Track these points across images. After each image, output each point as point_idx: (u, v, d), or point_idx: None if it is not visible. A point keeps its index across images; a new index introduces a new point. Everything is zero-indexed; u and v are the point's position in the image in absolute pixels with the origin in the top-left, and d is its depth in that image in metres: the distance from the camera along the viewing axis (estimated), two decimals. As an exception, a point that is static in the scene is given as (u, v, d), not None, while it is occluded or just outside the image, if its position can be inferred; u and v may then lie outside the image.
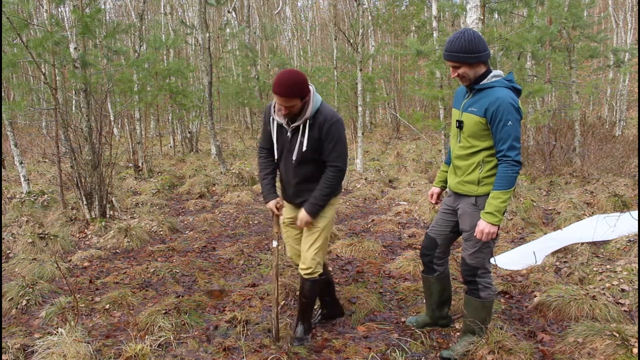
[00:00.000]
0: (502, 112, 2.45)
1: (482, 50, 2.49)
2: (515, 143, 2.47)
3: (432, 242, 2.97)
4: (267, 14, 27.28)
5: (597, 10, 24.69)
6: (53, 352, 2.79)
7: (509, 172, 2.48)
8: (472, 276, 2.75)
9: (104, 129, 6.40)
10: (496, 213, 2.50)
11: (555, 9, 7.08)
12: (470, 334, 2.84)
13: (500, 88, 2.52)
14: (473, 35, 2.48)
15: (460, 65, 2.53)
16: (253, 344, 3.03)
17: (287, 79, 2.56)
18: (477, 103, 2.56)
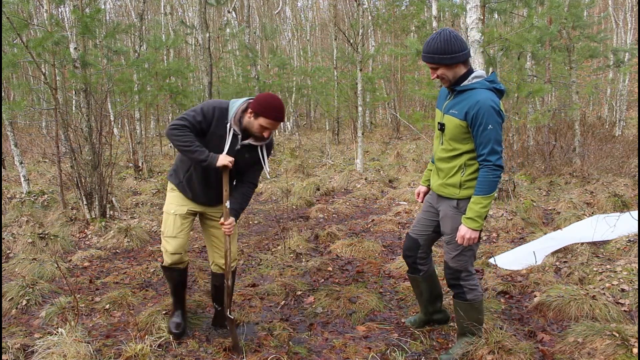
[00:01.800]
0: (482, 116, 2.41)
1: (459, 51, 2.43)
2: (496, 147, 2.44)
3: (414, 243, 2.96)
4: (267, 14, 27.28)
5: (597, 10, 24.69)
6: (53, 352, 2.79)
7: (489, 177, 2.45)
8: (456, 279, 2.74)
9: (104, 129, 6.40)
10: (477, 218, 2.48)
11: (555, 9, 7.08)
12: (465, 336, 2.84)
13: (482, 90, 2.48)
14: (449, 35, 2.42)
15: (438, 67, 2.48)
16: (253, 344, 3.03)
17: (281, 105, 2.69)
18: (458, 105, 2.52)
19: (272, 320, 3.41)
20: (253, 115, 2.70)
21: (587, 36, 11.15)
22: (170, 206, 2.98)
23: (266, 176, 2.95)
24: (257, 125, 2.70)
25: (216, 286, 3.19)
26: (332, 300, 3.63)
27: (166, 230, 2.98)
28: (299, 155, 13.51)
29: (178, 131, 2.68)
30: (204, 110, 2.74)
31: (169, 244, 2.97)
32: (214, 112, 2.74)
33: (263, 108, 2.65)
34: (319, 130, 22.78)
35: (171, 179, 3.01)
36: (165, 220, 2.99)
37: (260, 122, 2.68)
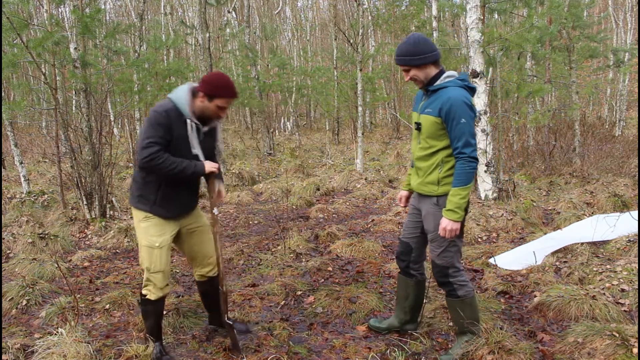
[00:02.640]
0: (455, 111, 2.51)
1: (428, 52, 2.56)
2: (470, 139, 2.53)
3: (406, 247, 2.98)
4: (267, 14, 27.27)
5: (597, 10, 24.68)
6: (53, 352, 2.79)
7: (466, 169, 2.53)
8: (445, 277, 2.77)
9: (104, 129, 6.40)
10: (457, 209, 2.56)
11: (555, 9, 7.08)
12: (464, 334, 2.85)
13: (453, 87, 2.58)
14: (418, 38, 2.57)
15: (409, 68, 2.60)
16: (252, 344, 3.03)
17: (231, 81, 2.63)
18: (432, 104, 2.61)
19: (272, 320, 3.41)
20: (207, 98, 2.61)
21: (587, 36, 11.14)
22: (151, 239, 2.70)
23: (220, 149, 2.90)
24: (214, 107, 2.63)
25: (204, 293, 3.14)
26: (332, 300, 3.63)
27: (153, 266, 2.71)
28: (299, 155, 13.51)
29: (157, 159, 2.52)
30: (160, 121, 2.55)
31: (159, 279, 2.74)
32: (169, 117, 2.57)
33: (217, 89, 2.59)
34: (319, 130, 22.78)
35: (140, 206, 2.71)
36: (149, 255, 2.70)
37: (216, 104, 2.62)
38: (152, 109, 2.63)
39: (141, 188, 2.70)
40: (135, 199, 2.74)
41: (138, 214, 2.74)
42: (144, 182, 2.69)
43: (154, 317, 2.85)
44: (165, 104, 2.61)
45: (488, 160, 6.33)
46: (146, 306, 2.83)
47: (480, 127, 6.32)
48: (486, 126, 6.31)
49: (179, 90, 2.65)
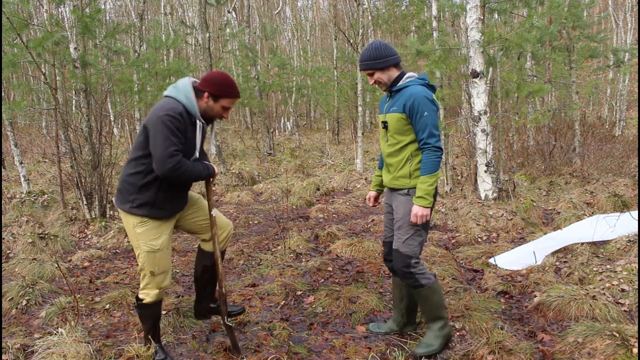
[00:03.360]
0: (417, 105, 2.68)
1: (390, 55, 2.75)
2: (433, 130, 2.69)
3: (391, 247, 3.03)
4: (267, 14, 27.27)
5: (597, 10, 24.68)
6: (53, 352, 2.79)
7: (432, 158, 2.68)
8: (407, 267, 2.81)
9: (104, 129, 6.40)
10: (426, 196, 2.69)
11: (555, 9, 7.08)
12: (435, 322, 2.90)
13: (415, 85, 2.75)
14: (379, 43, 2.78)
15: (373, 72, 2.78)
16: (252, 344, 3.03)
17: (233, 80, 2.66)
18: (396, 103, 2.78)
19: (272, 320, 3.41)
20: (212, 98, 2.60)
21: (587, 36, 11.14)
22: (151, 243, 2.61)
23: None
24: (219, 107, 2.65)
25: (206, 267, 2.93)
26: (332, 300, 3.63)
27: (157, 269, 2.65)
28: (299, 155, 13.51)
29: (182, 167, 2.48)
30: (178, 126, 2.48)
31: (166, 279, 2.70)
32: (184, 121, 2.52)
33: (223, 89, 2.59)
34: (319, 130, 22.78)
35: (134, 211, 2.58)
36: (152, 259, 2.62)
37: (222, 104, 2.64)
38: (164, 111, 2.47)
39: (137, 191, 2.57)
40: (127, 203, 2.60)
41: (131, 219, 2.61)
42: (141, 185, 2.56)
43: (151, 319, 2.80)
44: (176, 107, 2.51)
45: (488, 160, 6.33)
46: (143, 310, 2.76)
47: (480, 127, 6.32)
48: (486, 126, 6.31)
49: (183, 88, 2.56)
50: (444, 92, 7.77)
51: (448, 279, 4.13)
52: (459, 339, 3.08)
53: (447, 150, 7.67)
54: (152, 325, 2.82)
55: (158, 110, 2.50)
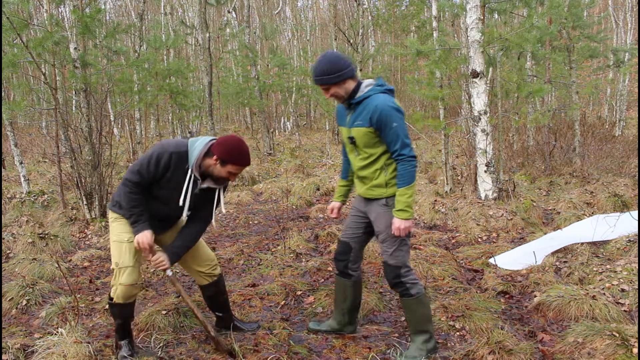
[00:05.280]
0: (385, 118, 2.58)
1: (344, 68, 2.61)
2: (405, 140, 2.62)
3: (346, 247, 3.03)
4: (267, 14, 27.28)
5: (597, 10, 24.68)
6: (53, 352, 2.79)
7: (407, 168, 2.62)
8: (397, 277, 2.79)
9: (104, 129, 6.40)
10: (407, 208, 2.64)
11: (555, 9, 7.07)
12: (420, 334, 2.86)
13: (376, 95, 2.64)
14: (332, 56, 2.64)
15: (328, 87, 2.64)
16: (252, 344, 3.03)
17: (247, 149, 2.62)
18: (361, 115, 2.67)
19: (272, 320, 3.41)
20: (219, 162, 2.59)
21: (587, 36, 11.14)
22: (121, 234, 2.73)
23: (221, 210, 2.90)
24: (225, 172, 2.63)
25: (210, 298, 3.14)
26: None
27: (122, 260, 2.71)
28: (299, 155, 13.51)
29: (129, 191, 2.61)
30: (160, 159, 2.59)
31: (127, 274, 2.71)
32: (171, 160, 2.60)
33: (231, 156, 2.57)
34: (319, 130, 22.77)
35: (115, 209, 2.77)
36: (119, 249, 2.72)
37: (228, 170, 2.61)
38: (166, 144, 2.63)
39: (121, 196, 2.71)
40: (113, 203, 2.79)
41: (112, 214, 2.80)
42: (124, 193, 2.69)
43: (120, 319, 2.84)
44: (178, 146, 2.62)
45: (488, 160, 6.33)
46: (112, 308, 2.83)
47: (480, 127, 6.32)
48: (486, 126, 6.31)
49: (200, 141, 2.64)
50: (444, 92, 7.77)
51: (448, 279, 4.13)
52: (459, 339, 3.08)
53: (447, 150, 7.67)
54: (121, 324, 2.86)
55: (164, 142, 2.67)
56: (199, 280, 3.07)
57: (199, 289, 3.17)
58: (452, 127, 7.78)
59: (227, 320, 3.20)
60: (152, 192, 2.70)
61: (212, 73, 13.05)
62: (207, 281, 3.06)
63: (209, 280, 3.06)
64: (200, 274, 3.03)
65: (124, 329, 2.88)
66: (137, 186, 2.62)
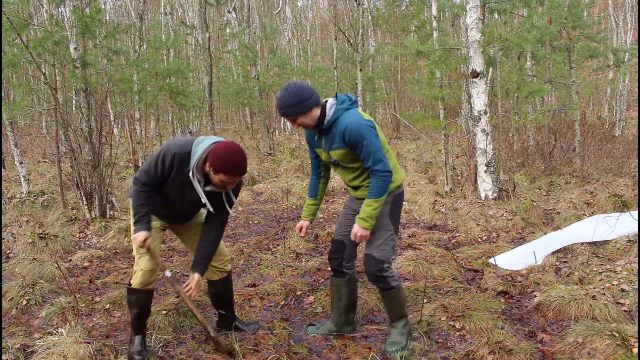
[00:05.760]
0: (355, 137, 2.61)
1: (309, 98, 2.62)
2: (378, 156, 2.62)
3: (340, 245, 3.04)
4: (267, 14, 27.28)
5: (597, 10, 24.68)
6: (53, 352, 2.79)
7: (379, 183, 2.63)
8: (380, 271, 2.83)
9: (104, 129, 6.40)
10: (368, 219, 2.69)
11: (555, 9, 7.07)
12: (399, 320, 2.96)
13: (343, 116, 2.67)
14: (295, 87, 2.62)
15: (295, 117, 2.65)
16: (252, 344, 3.03)
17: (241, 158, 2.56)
18: (334, 139, 2.70)
19: (272, 320, 3.41)
20: (212, 170, 2.57)
21: (587, 36, 11.13)
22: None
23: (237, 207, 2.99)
24: (218, 179, 2.60)
25: (216, 294, 3.15)
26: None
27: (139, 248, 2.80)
28: (299, 155, 13.51)
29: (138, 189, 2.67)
30: (165, 160, 2.64)
31: (147, 260, 2.79)
32: (174, 161, 2.63)
33: (222, 165, 2.53)
34: (319, 130, 22.74)
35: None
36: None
37: (220, 178, 2.58)
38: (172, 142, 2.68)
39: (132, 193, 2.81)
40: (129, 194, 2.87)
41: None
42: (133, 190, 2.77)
43: (136, 309, 2.87)
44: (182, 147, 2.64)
45: (488, 160, 6.33)
46: (130, 295, 2.88)
47: (480, 127, 6.32)
48: (486, 126, 6.31)
49: (203, 143, 2.64)
50: (444, 92, 7.77)
51: (448, 279, 4.13)
52: (459, 339, 3.08)
53: (447, 150, 7.67)
54: (136, 315, 2.88)
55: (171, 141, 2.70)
56: (209, 275, 3.08)
57: (207, 284, 3.18)
58: (452, 127, 7.78)
59: (229, 319, 3.21)
60: (162, 189, 2.77)
61: (212, 73, 13.06)
62: (218, 276, 3.07)
63: (219, 275, 3.07)
64: (212, 269, 3.04)
65: (139, 322, 2.90)
66: (145, 185, 2.68)
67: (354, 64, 15.74)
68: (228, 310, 3.20)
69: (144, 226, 2.67)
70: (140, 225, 2.67)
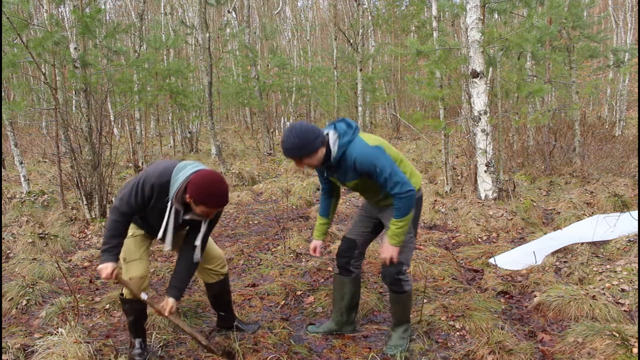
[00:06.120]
0: (367, 167, 2.59)
1: (314, 139, 2.56)
2: (394, 179, 2.57)
3: (351, 243, 3.06)
4: (267, 14, 27.28)
5: (597, 10, 24.68)
6: (53, 352, 2.79)
7: (403, 203, 2.60)
8: (398, 274, 2.84)
9: (104, 129, 6.40)
10: (396, 237, 2.70)
11: (555, 9, 7.07)
12: (402, 324, 2.98)
13: (349, 150, 2.62)
14: (300, 128, 2.55)
15: (302, 159, 2.61)
16: (252, 344, 3.03)
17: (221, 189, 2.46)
18: (346, 172, 2.69)
19: (272, 320, 3.41)
20: (192, 201, 2.48)
21: (587, 36, 11.13)
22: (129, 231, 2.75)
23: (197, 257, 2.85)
24: (199, 210, 2.51)
25: (215, 296, 3.14)
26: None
27: (127, 255, 2.75)
28: (299, 155, 13.49)
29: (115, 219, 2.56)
30: (143, 189, 2.54)
31: (134, 268, 2.73)
32: (153, 191, 2.54)
33: (202, 197, 2.43)
34: (319, 130, 22.74)
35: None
36: (125, 244, 2.71)
37: (201, 209, 2.49)
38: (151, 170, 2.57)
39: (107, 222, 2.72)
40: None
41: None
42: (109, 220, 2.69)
43: (132, 315, 2.85)
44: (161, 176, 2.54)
45: (488, 160, 6.33)
46: (124, 305, 2.86)
47: (480, 127, 6.32)
48: (486, 126, 6.31)
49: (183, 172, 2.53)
50: (444, 92, 7.77)
51: (448, 279, 4.13)
52: (459, 339, 3.08)
53: (447, 150, 7.67)
54: (134, 321, 2.87)
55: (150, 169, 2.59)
56: (205, 278, 3.07)
57: (205, 286, 3.17)
58: (452, 127, 7.78)
59: (229, 320, 3.21)
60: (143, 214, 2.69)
61: (212, 73, 13.06)
62: (214, 279, 3.07)
63: (216, 278, 3.06)
64: (208, 272, 3.03)
65: (137, 327, 2.90)
66: (124, 215, 2.57)
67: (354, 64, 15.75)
68: (227, 311, 3.20)
69: (112, 257, 2.55)
70: (107, 256, 2.55)
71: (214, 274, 3.06)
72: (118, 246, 2.59)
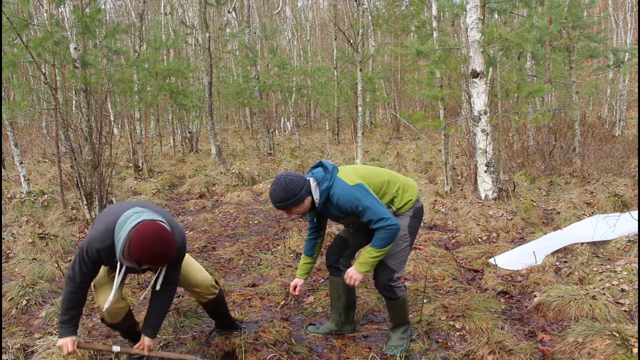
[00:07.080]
0: (350, 206, 2.65)
1: (299, 191, 2.64)
2: (378, 215, 2.61)
3: (342, 242, 3.07)
4: (267, 14, 27.28)
5: (597, 10, 24.68)
6: (53, 352, 2.79)
7: (385, 235, 2.63)
8: (390, 280, 2.84)
9: (104, 129, 6.40)
10: (366, 265, 2.72)
11: (555, 9, 7.07)
12: (401, 327, 2.99)
13: (330, 194, 2.69)
14: (285, 181, 2.63)
15: (290, 210, 2.70)
16: (252, 342, 3.03)
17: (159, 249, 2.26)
18: (334, 213, 2.77)
19: (272, 320, 3.41)
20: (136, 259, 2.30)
21: (587, 36, 11.14)
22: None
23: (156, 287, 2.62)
24: (146, 266, 2.36)
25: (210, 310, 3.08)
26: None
27: (96, 281, 2.66)
28: (299, 155, 13.51)
29: (70, 290, 2.45)
30: (90, 256, 2.42)
31: (101, 293, 2.65)
32: (100, 255, 2.43)
33: (139, 256, 2.25)
34: (319, 130, 22.78)
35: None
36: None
37: (147, 265, 2.33)
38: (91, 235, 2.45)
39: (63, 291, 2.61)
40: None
41: None
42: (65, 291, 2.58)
43: (120, 330, 2.85)
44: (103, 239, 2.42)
45: (488, 160, 6.33)
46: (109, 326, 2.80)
47: (480, 127, 6.32)
48: (486, 126, 6.31)
49: (124, 228, 2.35)
50: (444, 92, 7.77)
51: (448, 279, 4.13)
52: (459, 339, 3.08)
53: (447, 150, 7.67)
54: (125, 334, 2.88)
55: (91, 234, 2.47)
56: (197, 298, 2.99)
57: None
58: (452, 127, 7.78)
59: (227, 325, 3.19)
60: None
61: (212, 73, 13.05)
62: (206, 300, 2.99)
63: (207, 299, 2.98)
64: (198, 294, 2.96)
65: (130, 336, 2.88)
66: (80, 285, 2.47)
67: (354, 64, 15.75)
68: (224, 319, 3.17)
69: (70, 331, 2.45)
70: (66, 330, 2.44)
71: (205, 296, 2.97)
72: (76, 317, 2.50)
